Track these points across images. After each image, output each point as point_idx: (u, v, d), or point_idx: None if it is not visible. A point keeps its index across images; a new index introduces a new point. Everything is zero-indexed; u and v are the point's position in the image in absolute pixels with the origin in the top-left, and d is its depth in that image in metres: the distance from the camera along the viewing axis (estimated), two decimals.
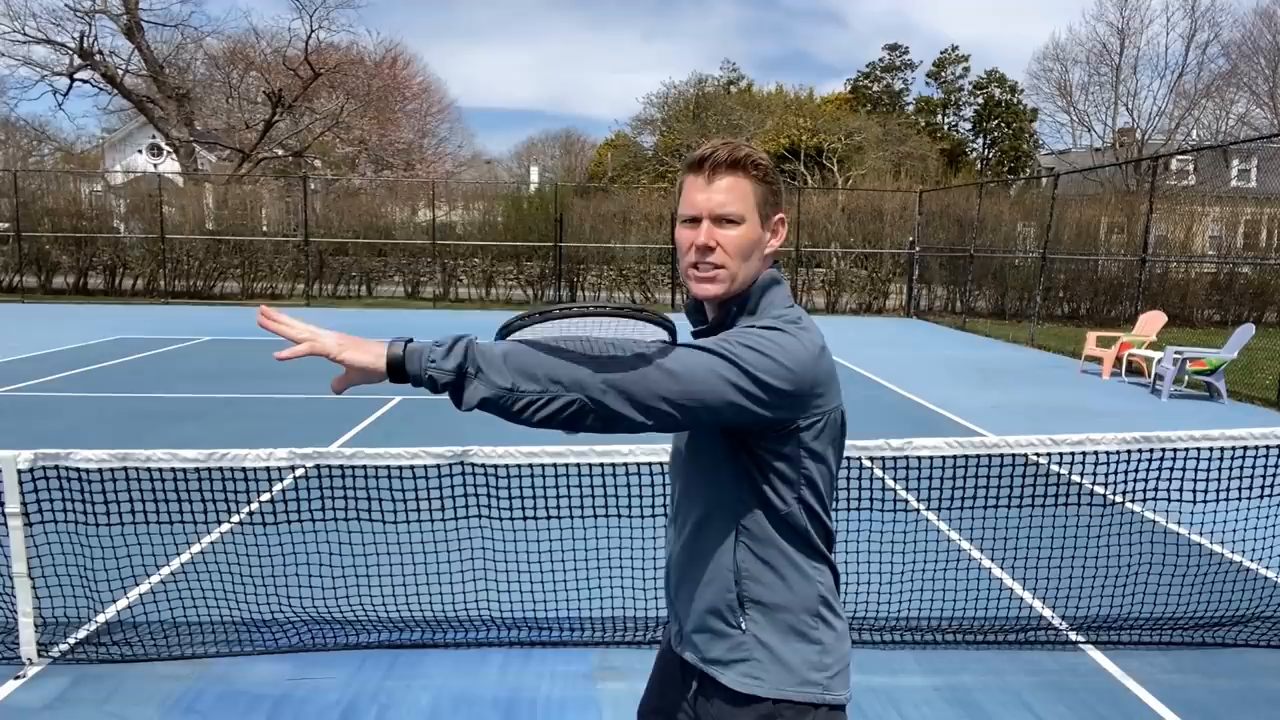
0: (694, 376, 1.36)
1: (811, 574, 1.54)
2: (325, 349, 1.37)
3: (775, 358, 1.40)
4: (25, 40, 28.42)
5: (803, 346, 1.43)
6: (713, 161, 1.50)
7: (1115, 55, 36.61)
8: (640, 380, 1.34)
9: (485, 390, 1.33)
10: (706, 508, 1.57)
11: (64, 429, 7.50)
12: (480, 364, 1.33)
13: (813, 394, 1.44)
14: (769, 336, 1.43)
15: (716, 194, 1.50)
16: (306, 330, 1.38)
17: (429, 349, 1.35)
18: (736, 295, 1.54)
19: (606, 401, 1.34)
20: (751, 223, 1.52)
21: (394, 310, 20.56)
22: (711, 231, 1.50)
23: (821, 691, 1.53)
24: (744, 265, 1.52)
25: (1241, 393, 10.62)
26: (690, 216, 1.53)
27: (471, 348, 1.34)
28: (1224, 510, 4.21)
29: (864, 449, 3.50)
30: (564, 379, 1.33)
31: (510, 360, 1.33)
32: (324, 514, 3.72)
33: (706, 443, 1.54)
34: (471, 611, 3.93)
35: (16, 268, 21.71)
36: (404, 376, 1.35)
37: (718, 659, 1.56)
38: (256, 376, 10.47)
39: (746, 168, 1.51)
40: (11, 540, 3.39)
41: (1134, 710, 3.32)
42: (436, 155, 41.08)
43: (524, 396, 1.33)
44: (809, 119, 43.53)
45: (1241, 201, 25.98)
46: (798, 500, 1.51)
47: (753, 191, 1.52)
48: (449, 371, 1.33)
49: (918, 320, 21.13)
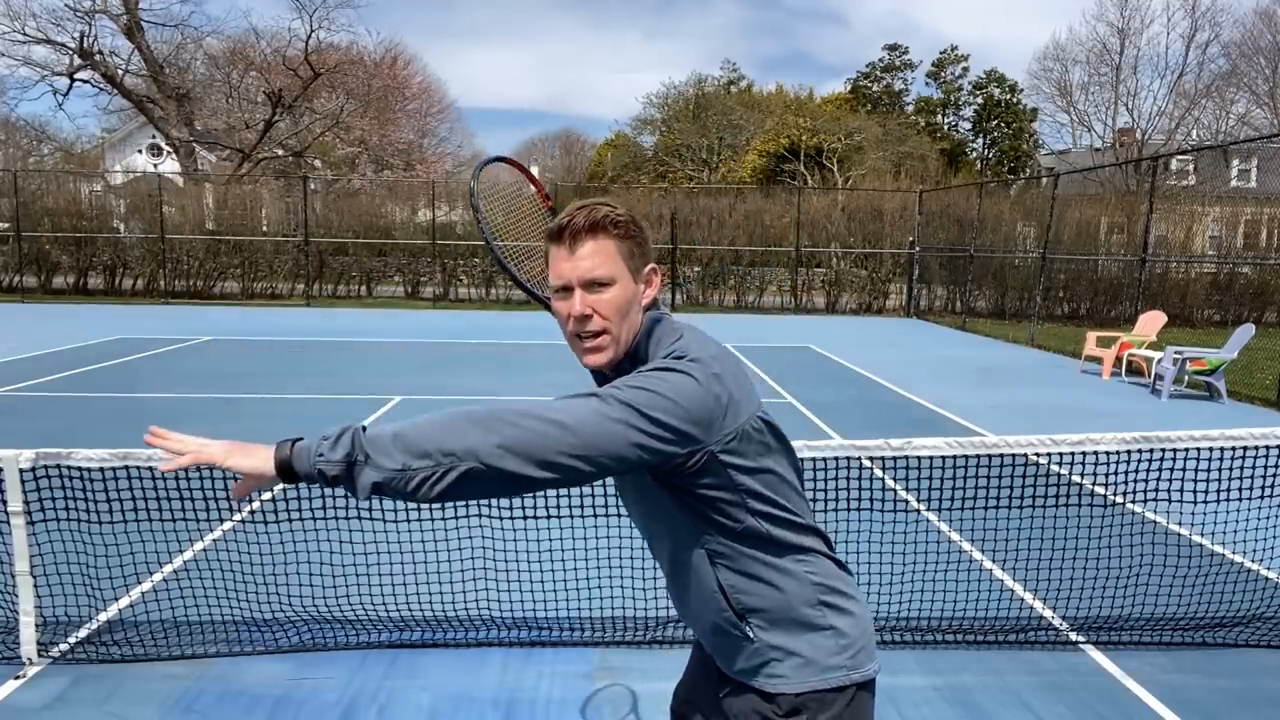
0: (590, 427, 1.34)
1: (798, 571, 1.55)
2: (210, 457, 1.37)
3: (666, 395, 1.38)
4: (25, 40, 28.47)
5: (692, 381, 1.41)
6: (571, 229, 1.50)
7: (1115, 55, 36.64)
8: (535, 437, 1.33)
9: (376, 475, 1.32)
10: (672, 543, 1.59)
11: (64, 429, 7.50)
12: (368, 450, 1.32)
13: (712, 422, 1.42)
14: (657, 376, 1.42)
15: (582, 261, 1.50)
16: (193, 442, 1.39)
17: (316, 444, 1.34)
18: (622, 357, 1.55)
19: (503, 465, 1.32)
20: (624, 281, 1.52)
21: (394, 310, 20.57)
22: (585, 298, 1.50)
23: (847, 672, 1.55)
24: (625, 324, 1.53)
25: (1241, 393, 10.62)
26: (560, 287, 1.53)
27: (358, 436, 1.34)
28: (1224, 511, 4.21)
29: (864, 449, 3.50)
30: (455, 449, 1.31)
31: (399, 441, 1.33)
32: (324, 513, 3.72)
33: (642, 490, 1.55)
34: (471, 611, 3.93)
35: (16, 268, 21.72)
36: (295, 476, 1.35)
37: (742, 669, 1.59)
38: (256, 376, 10.47)
39: (606, 228, 1.51)
40: (13, 539, 3.40)
41: (1134, 710, 3.32)
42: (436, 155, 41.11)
43: (417, 474, 1.31)
44: (809, 119, 43.53)
45: (1241, 201, 25.99)
46: (750, 514, 1.50)
47: (617, 250, 1.52)
48: (337, 463, 1.32)
49: (918, 320, 21.13)
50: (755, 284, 23.06)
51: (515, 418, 1.34)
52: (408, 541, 3.96)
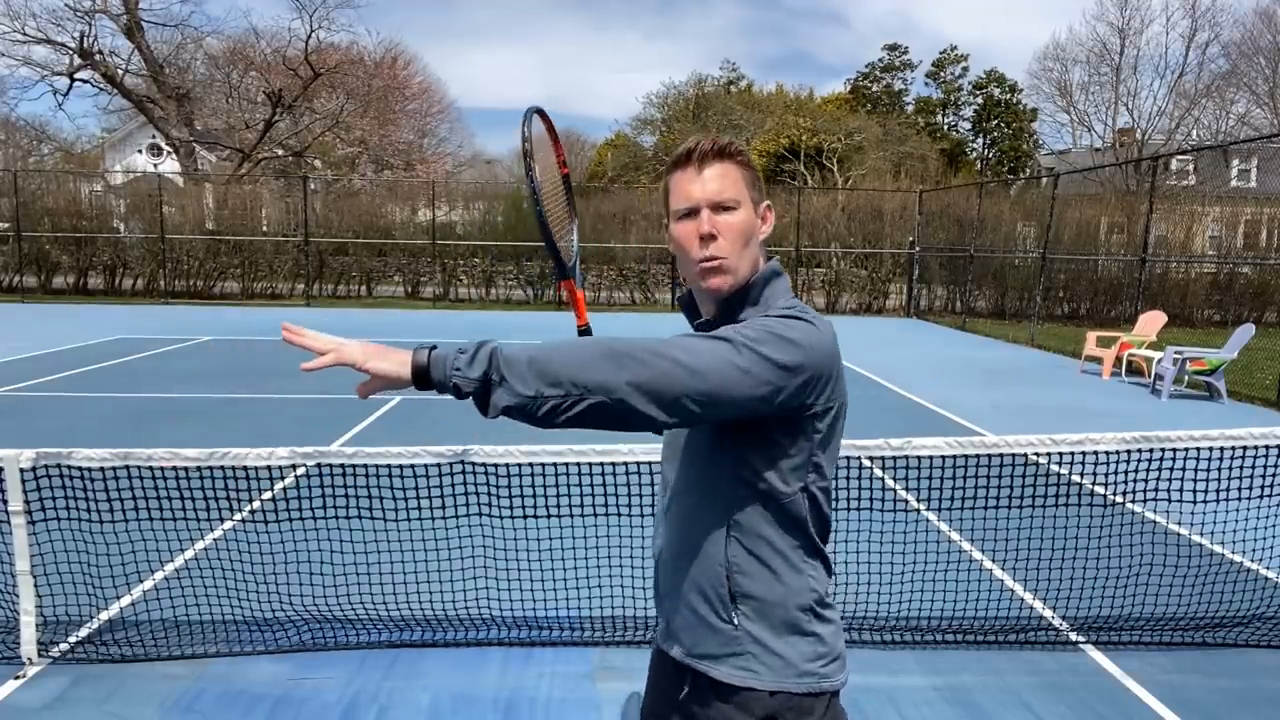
0: (716, 371, 1.35)
1: (804, 568, 1.54)
2: (351, 358, 1.36)
3: (793, 340, 1.40)
4: (25, 40, 28.44)
5: (817, 331, 1.45)
6: (699, 153, 1.52)
7: (1115, 55, 36.63)
8: (664, 379, 1.33)
9: (509, 399, 1.32)
10: (699, 499, 1.56)
11: (65, 429, 7.50)
12: (504, 371, 1.32)
13: (828, 378, 1.45)
14: (783, 323, 1.44)
15: (710, 182, 1.51)
16: (332, 341, 1.37)
17: (453, 356, 1.34)
18: (739, 289, 1.55)
19: (631, 402, 1.33)
20: (747, 208, 1.54)
21: (394, 310, 20.57)
22: (712, 219, 1.51)
23: (818, 680, 1.54)
24: (745, 253, 1.53)
25: (1241, 393, 10.62)
26: (687, 210, 1.53)
27: (496, 355, 1.33)
28: (1224, 510, 4.21)
29: (864, 449, 3.50)
30: (588, 382, 1.32)
31: (534, 366, 1.32)
32: (325, 513, 3.72)
33: (707, 431, 1.53)
34: (472, 610, 3.93)
35: (16, 268, 21.71)
36: (429, 384, 1.35)
37: (709, 653, 1.56)
38: (256, 376, 10.47)
39: (732, 155, 1.53)
40: (14, 539, 3.40)
41: (1134, 710, 3.32)
42: (436, 155, 41.11)
43: (548, 402, 1.32)
44: (809, 119, 43.52)
45: (1241, 201, 25.98)
46: (803, 489, 1.51)
47: (742, 177, 1.54)
48: (473, 380, 1.32)
49: (918, 320, 21.13)
50: None
51: (647, 356, 1.34)
52: (408, 541, 3.96)
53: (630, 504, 3.69)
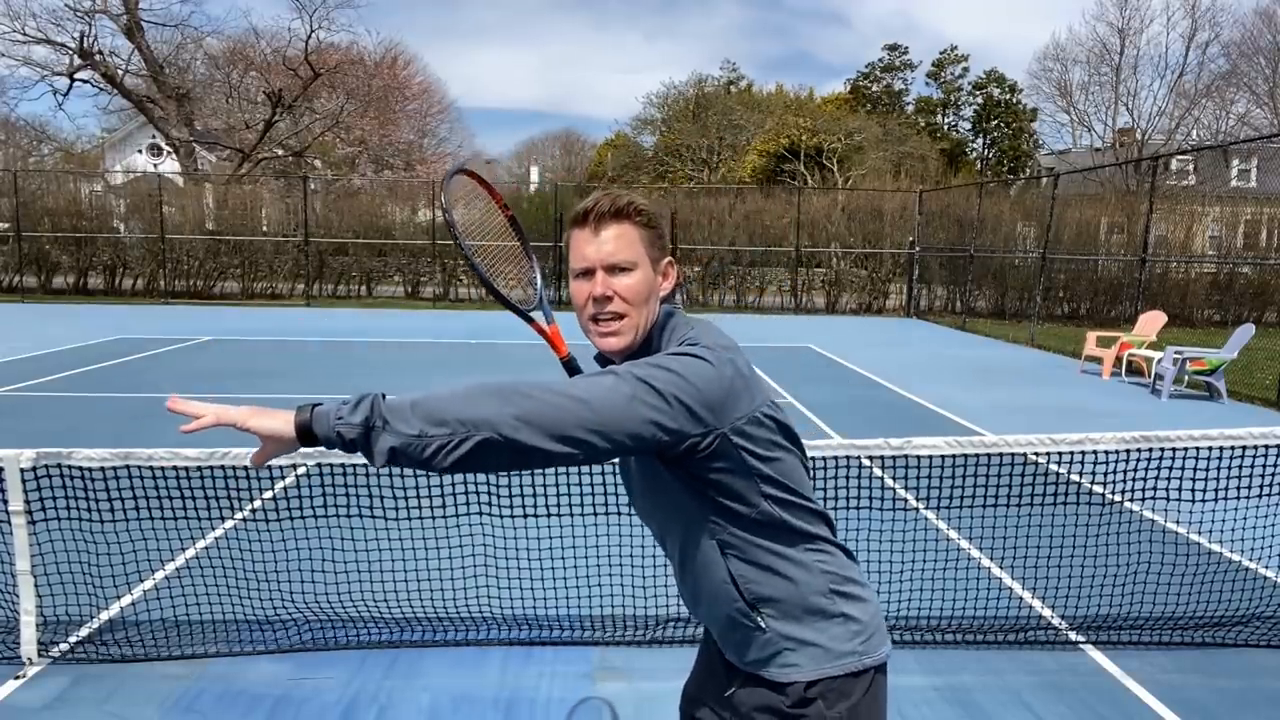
0: (607, 402, 1.36)
1: (809, 560, 1.55)
2: (232, 418, 1.37)
3: (681, 374, 1.41)
4: (25, 40, 28.46)
5: (706, 364, 1.44)
6: (596, 213, 1.54)
7: (1115, 55, 36.65)
8: (552, 410, 1.34)
9: (393, 440, 1.33)
10: (683, 534, 1.59)
11: (65, 429, 7.50)
12: (386, 416, 1.33)
13: (725, 404, 1.44)
14: (672, 358, 1.44)
15: (605, 244, 1.54)
16: (214, 407, 1.40)
17: (335, 408, 1.36)
18: (641, 344, 1.58)
19: (519, 437, 1.33)
20: (644, 268, 1.56)
21: (394, 310, 20.57)
22: (607, 281, 1.54)
23: (859, 658, 1.55)
24: (643, 311, 1.56)
25: (1241, 393, 10.62)
26: (583, 269, 1.56)
27: (377, 402, 1.35)
28: (1223, 510, 4.21)
29: (864, 448, 3.50)
30: (473, 419, 1.33)
31: (418, 409, 1.34)
32: (325, 512, 3.72)
33: (653, 483, 1.57)
34: (472, 610, 3.93)
35: (16, 268, 21.72)
36: (314, 440, 1.36)
37: (756, 659, 1.59)
38: (257, 376, 10.46)
39: (630, 215, 1.55)
40: (14, 539, 3.40)
41: (1134, 710, 3.32)
42: (436, 155, 41.09)
43: (433, 441, 1.32)
44: (809, 119, 43.53)
45: (1241, 201, 25.99)
46: (764, 498, 1.51)
47: (640, 238, 1.56)
48: (355, 426, 1.33)
49: (918, 320, 21.13)
50: (755, 284, 23.07)
51: (533, 390, 1.36)
52: (408, 540, 3.96)
53: (630, 503, 3.69)
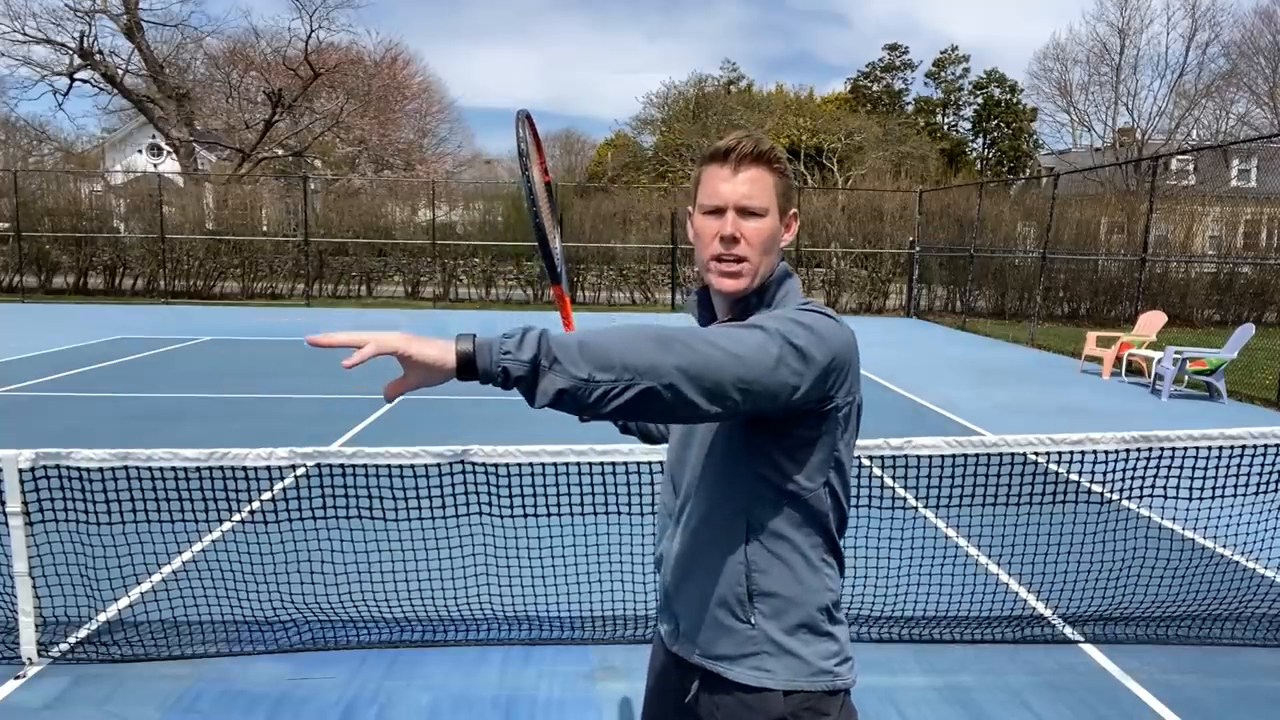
0: (754, 358, 1.32)
1: (821, 568, 1.55)
2: (392, 345, 1.27)
3: (818, 331, 1.40)
4: (25, 40, 28.44)
5: (837, 325, 1.45)
6: (738, 153, 1.51)
7: (1115, 55, 36.61)
8: (710, 364, 1.29)
9: (563, 381, 1.25)
10: (717, 499, 1.54)
11: (64, 429, 7.50)
12: (556, 354, 1.26)
13: (848, 371, 1.46)
14: (808, 315, 1.44)
15: (741, 185, 1.51)
16: (370, 335, 1.29)
17: (499, 341, 1.27)
18: (755, 290, 1.56)
19: (680, 388, 1.28)
20: (773, 216, 1.54)
21: (394, 310, 20.56)
22: (737, 222, 1.51)
23: (832, 679, 1.54)
24: (765, 259, 1.54)
25: (1241, 393, 10.62)
26: (714, 207, 1.53)
27: (545, 338, 1.27)
28: (1223, 510, 4.21)
29: (864, 448, 3.50)
30: (639, 365, 1.27)
31: (585, 350, 1.27)
32: (325, 513, 3.72)
33: (727, 428, 1.52)
34: (472, 610, 3.93)
35: (16, 268, 21.70)
36: (473, 372, 1.27)
37: (725, 654, 1.55)
38: (256, 376, 10.46)
39: (769, 161, 1.53)
40: (13, 539, 3.40)
41: (1133, 709, 3.32)
42: (436, 155, 41.08)
43: (599, 386, 1.26)
44: (809, 119, 43.53)
45: (1241, 201, 25.99)
46: (825, 484, 1.51)
47: (774, 185, 1.54)
48: (523, 364, 1.25)
49: (918, 320, 21.13)
50: None
51: (693, 340, 1.31)
52: (408, 541, 3.96)
53: (630, 504, 3.69)
